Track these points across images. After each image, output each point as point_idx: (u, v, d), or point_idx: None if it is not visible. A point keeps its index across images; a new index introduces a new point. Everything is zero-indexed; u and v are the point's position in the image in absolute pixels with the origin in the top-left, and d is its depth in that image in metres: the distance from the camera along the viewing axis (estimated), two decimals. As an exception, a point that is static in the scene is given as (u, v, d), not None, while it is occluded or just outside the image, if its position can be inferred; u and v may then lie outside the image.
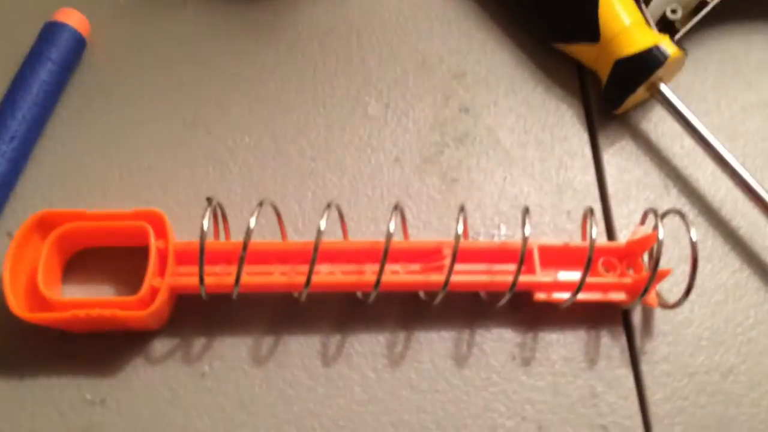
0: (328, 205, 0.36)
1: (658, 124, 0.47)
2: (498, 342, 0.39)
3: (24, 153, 0.42)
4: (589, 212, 0.38)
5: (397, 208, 0.37)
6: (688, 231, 0.36)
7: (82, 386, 0.36)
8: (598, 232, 0.40)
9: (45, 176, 0.43)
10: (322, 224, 0.35)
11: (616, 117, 0.47)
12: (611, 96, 0.45)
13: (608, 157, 0.45)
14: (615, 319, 0.40)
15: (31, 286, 0.36)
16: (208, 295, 0.36)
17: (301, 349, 0.38)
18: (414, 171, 0.44)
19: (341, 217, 0.39)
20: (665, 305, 0.39)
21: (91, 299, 0.36)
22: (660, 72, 0.43)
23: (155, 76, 0.47)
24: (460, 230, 0.36)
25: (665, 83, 0.44)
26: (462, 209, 0.37)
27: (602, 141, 0.46)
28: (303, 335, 0.38)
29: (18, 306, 0.35)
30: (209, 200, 0.36)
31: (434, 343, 0.39)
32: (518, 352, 0.39)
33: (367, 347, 0.38)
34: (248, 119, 0.45)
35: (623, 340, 0.39)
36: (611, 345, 0.39)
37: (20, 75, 0.43)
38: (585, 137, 0.46)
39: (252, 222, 0.35)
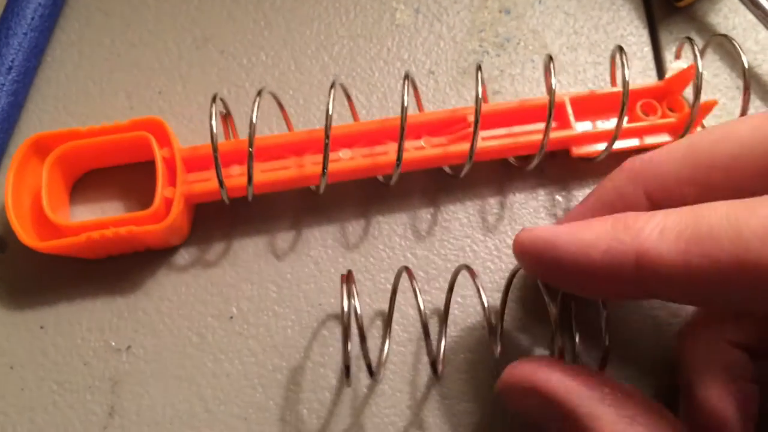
0: (332, 85, 0.32)
1: (728, 15, 0.41)
2: (533, 203, 0.36)
3: (24, 83, 0.39)
4: (618, 50, 0.33)
5: (408, 77, 0.33)
6: (739, 56, 0.33)
7: (106, 332, 0.34)
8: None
9: (48, 107, 0.39)
10: (330, 106, 0.31)
11: (679, 10, 0.41)
12: (675, -15, 0.39)
13: (671, 57, 0.40)
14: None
15: (39, 214, 0.34)
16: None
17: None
18: (450, 84, 0.39)
19: (348, 97, 0.36)
20: None
21: (103, 219, 0.33)
22: (735, -47, 0.37)
23: (159, -10, 0.42)
24: (480, 92, 0.32)
25: (740, -33, 0.38)
26: (479, 68, 0.33)
27: (664, 38, 0.40)
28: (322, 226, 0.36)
29: (27, 236, 0.33)
30: (214, 97, 0.33)
31: (460, 214, 0.36)
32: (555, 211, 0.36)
33: (394, 227, 0.36)
34: (263, 34, 0.41)
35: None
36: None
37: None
38: (645, 35, 0.41)
39: (254, 115, 0.31)
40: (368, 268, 0.35)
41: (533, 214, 0.36)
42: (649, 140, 0.36)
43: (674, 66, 0.37)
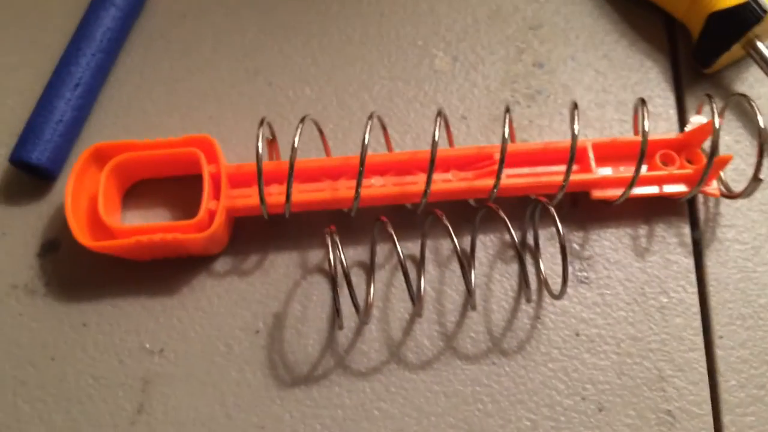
0: (370, 116, 0.35)
1: (753, 85, 0.43)
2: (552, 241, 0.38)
3: (88, 100, 0.42)
4: (640, 103, 0.35)
5: (441, 114, 0.35)
6: (755, 117, 0.34)
7: (142, 334, 0.37)
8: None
9: (108, 124, 0.43)
10: (366, 137, 0.34)
11: (706, 76, 0.43)
12: (702, 53, 0.41)
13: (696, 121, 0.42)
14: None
15: (94, 216, 0.37)
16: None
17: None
18: (481, 130, 0.42)
19: (384, 128, 0.38)
20: (729, 195, 0.37)
21: (151, 225, 0.37)
22: (758, 28, 0.39)
23: (218, 23, 0.45)
24: (507, 132, 0.34)
25: (763, 41, 0.40)
26: (507, 110, 0.35)
27: (690, 102, 0.42)
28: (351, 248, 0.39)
29: (82, 235, 0.36)
30: (262, 121, 0.36)
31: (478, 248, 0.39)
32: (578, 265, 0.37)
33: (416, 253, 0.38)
34: (310, 70, 0.44)
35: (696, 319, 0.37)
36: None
37: (84, 21, 0.43)
38: (671, 98, 0.42)
39: (296, 139, 0.34)
40: (391, 285, 0.38)
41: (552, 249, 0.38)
42: (668, 189, 0.38)
43: (694, 120, 0.39)
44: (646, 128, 0.34)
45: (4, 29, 0.45)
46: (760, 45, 0.40)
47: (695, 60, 0.42)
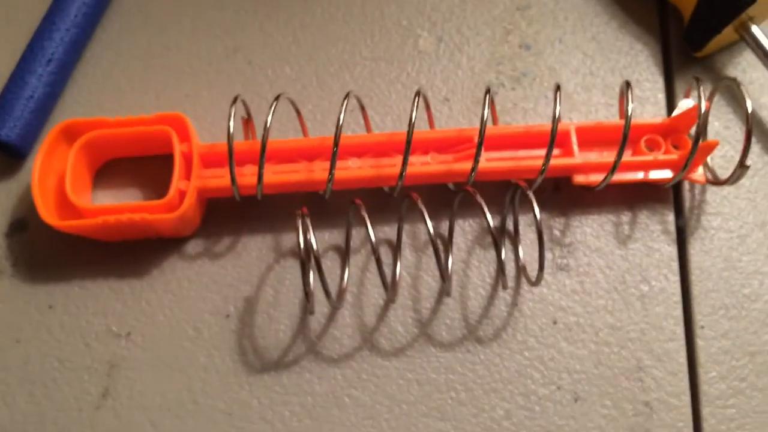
0: (347, 96, 0.34)
1: (746, 69, 0.41)
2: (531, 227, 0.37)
3: (62, 76, 0.41)
4: (625, 85, 0.34)
5: (420, 94, 0.34)
6: (744, 101, 0.33)
7: (109, 317, 0.36)
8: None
9: (82, 101, 0.41)
10: (341, 117, 0.33)
11: (697, 60, 0.42)
12: (694, 35, 0.40)
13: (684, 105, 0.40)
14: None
15: (62, 195, 0.36)
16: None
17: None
18: (463, 113, 0.41)
19: (362, 108, 0.37)
20: (715, 181, 0.37)
21: (120, 204, 0.36)
22: (752, 10, 0.37)
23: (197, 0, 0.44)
24: (487, 114, 0.33)
25: (757, 24, 0.38)
26: (488, 91, 0.34)
27: (679, 87, 0.41)
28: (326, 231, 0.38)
29: (48, 214, 0.35)
30: (235, 99, 0.35)
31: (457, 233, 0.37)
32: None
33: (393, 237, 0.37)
34: (291, 49, 0.43)
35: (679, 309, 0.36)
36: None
37: (58, -5, 0.42)
38: (660, 82, 0.41)
39: (270, 117, 0.33)
40: (367, 270, 0.37)
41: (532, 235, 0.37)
42: (652, 175, 0.37)
43: (682, 104, 0.38)
44: (629, 112, 0.33)
45: (-23, 3, 0.44)
46: (753, 28, 0.39)
47: (686, 43, 0.41)
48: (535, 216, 0.32)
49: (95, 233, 0.36)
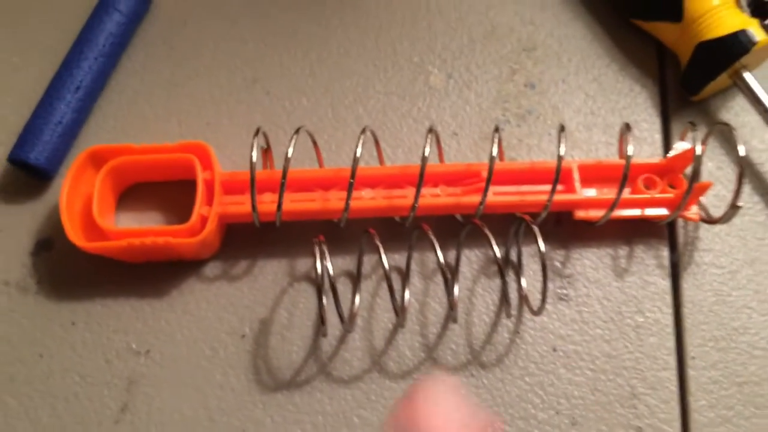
0: (363, 130, 0.36)
1: (739, 113, 0.44)
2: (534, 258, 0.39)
3: (88, 103, 0.43)
4: (625, 127, 0.36)
5: (432, 131, 0.36)
6: (736, 146, 0.35)
7: (129, 335, 0.38)
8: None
9: (107, 127, 0.43)
10: (358, 150, 0.35)
11: (693, 103, 0.44)
12: (690, 81, 0.42)
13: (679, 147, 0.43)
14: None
15: (88, 217, 0.38)
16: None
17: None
18: (471, 147, 0.43)
19: (376, 142, 0.39)
20: (708, 219, 0.39)
21: (144, 228, 0.38)
22: (745, 59, 0.40)
23: (219, 31, 0.46)
24: (495, 151, 0.35)
25: (750, 71, 0.41)
26: (497, 129, 0.36)
27: (675, 128, 0.43)
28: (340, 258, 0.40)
29: (75, 235, 0.37)
30: (257, 131, 0.37)
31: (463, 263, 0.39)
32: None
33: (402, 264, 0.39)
34: (308, 81, 0.45)
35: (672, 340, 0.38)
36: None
37: (88, 26, 0.44)
38: (657, 123, 0.44)
39: (290, 149, 0.35)
40: (377, 296, 0.39)
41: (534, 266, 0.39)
42: (649, 212, 0.39)
43: (678, 146, 0.40)
44: (629, 153, 0.35)
45: (9, 30, 0.46)
46: (746, 75, 0.41)
47: (683, 87, 0.43)
48: (539, 249, 0.34)
49: (119, 254, 0.38)
